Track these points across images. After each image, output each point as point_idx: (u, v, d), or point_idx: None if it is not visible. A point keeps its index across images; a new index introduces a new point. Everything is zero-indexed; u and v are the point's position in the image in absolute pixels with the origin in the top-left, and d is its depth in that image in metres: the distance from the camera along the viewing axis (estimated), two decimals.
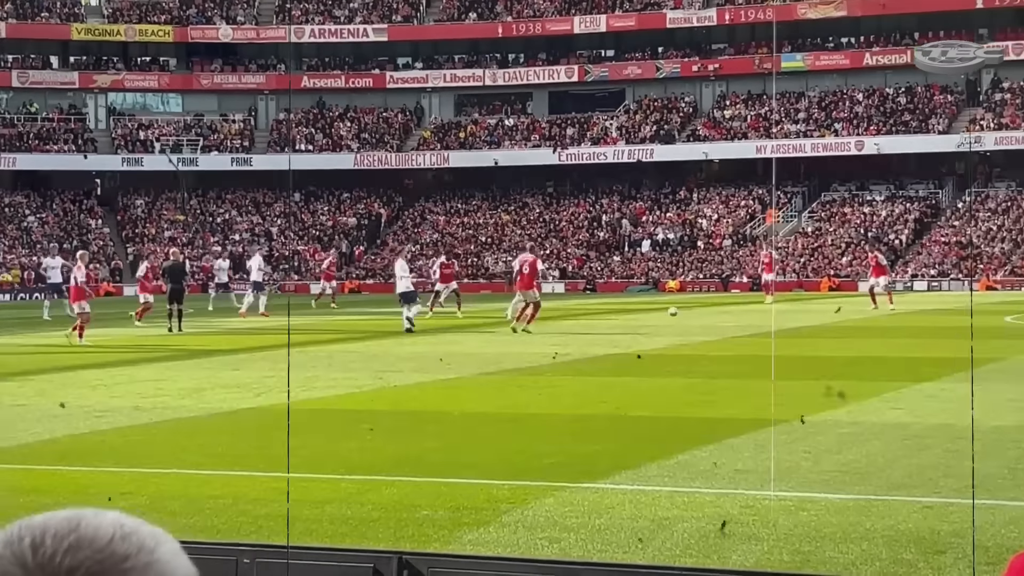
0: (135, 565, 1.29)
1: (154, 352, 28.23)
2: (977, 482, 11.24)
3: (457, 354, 26.15)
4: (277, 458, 13.10)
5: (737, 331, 32.89)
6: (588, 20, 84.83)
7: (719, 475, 11.79)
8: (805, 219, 77.02)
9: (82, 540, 1.29)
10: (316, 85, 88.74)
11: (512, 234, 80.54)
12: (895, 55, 79.92)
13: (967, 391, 18.49)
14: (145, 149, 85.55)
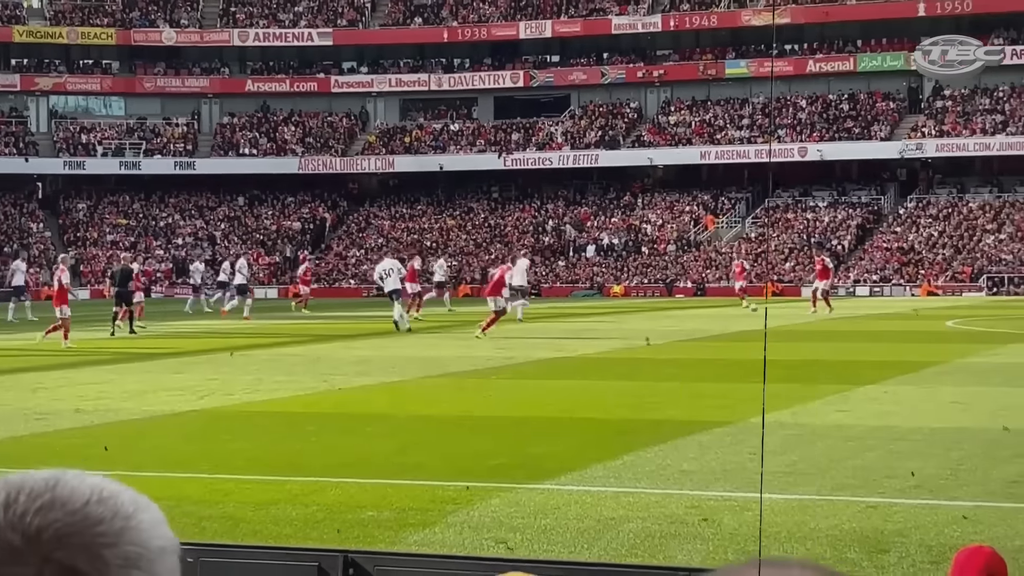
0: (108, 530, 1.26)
1: (96, 355, 28.01)
2: (920, 482, 11.32)
3: (401, 357, 26.10)
4: (220, 460, 13.03)
5: (681, 335, 32.99)
6: (533, 25, 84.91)
7: (664, 475, 11.80)
8: (749, 225, 77.38)
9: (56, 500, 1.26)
10: (260, 89, 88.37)
11: (457, 239, 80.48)
12: (838, 62, 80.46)
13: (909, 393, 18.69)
14: (87, 152, 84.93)
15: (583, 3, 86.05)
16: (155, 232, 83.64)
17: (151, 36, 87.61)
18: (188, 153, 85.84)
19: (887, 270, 69.86)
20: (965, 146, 75.27)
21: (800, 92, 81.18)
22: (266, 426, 15.77)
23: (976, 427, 14.84)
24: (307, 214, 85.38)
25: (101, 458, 13.09)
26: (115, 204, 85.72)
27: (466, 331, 36.25)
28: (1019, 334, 32.36)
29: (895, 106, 79.13)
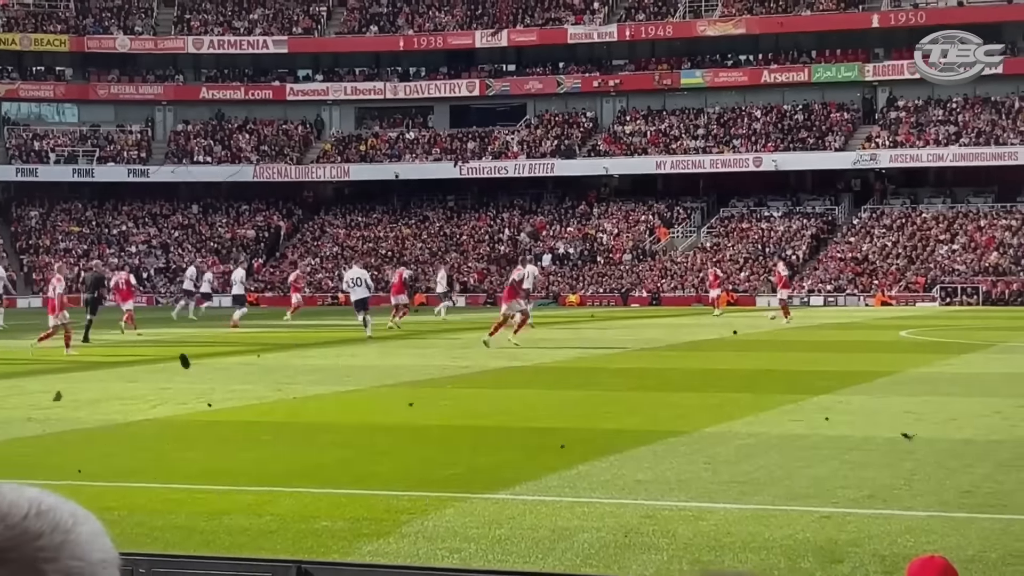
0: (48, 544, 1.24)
1: (49, 364, 27.79)
2: (874, 492, 11.36)
3: (356, 367, 26.02)
4: (173, 469, 12.94)
5: (637, 344, 33.03)
6: (489, 35, 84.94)
7: (619, 485, 11.80)
8: (704, 234, 77.62)
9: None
10: (215, 96, 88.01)
11: (412, 248, 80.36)
12: (792, 73, 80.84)
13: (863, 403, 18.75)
14: (40, 160, 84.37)
15: (539, 12, 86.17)
16: (108, 240, 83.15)
17: (105, 43, 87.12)
18: (142, 160, 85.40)
19: (841, 280, 70.19)
20: (919, 157, 75.79)
21: (755, 102, 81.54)
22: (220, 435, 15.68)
23: (929, 437, 14.91)
24: (262, 222, 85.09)
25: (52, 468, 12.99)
26: (68, 211, 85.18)
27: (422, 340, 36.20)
28: (972, 344, 32.57)
29: (849, 116, 79.59)
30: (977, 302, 65.76)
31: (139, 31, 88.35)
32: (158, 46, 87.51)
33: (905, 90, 78.83)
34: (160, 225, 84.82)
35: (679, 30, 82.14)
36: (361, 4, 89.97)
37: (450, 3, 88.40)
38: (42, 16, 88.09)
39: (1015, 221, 72.88)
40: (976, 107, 77.17)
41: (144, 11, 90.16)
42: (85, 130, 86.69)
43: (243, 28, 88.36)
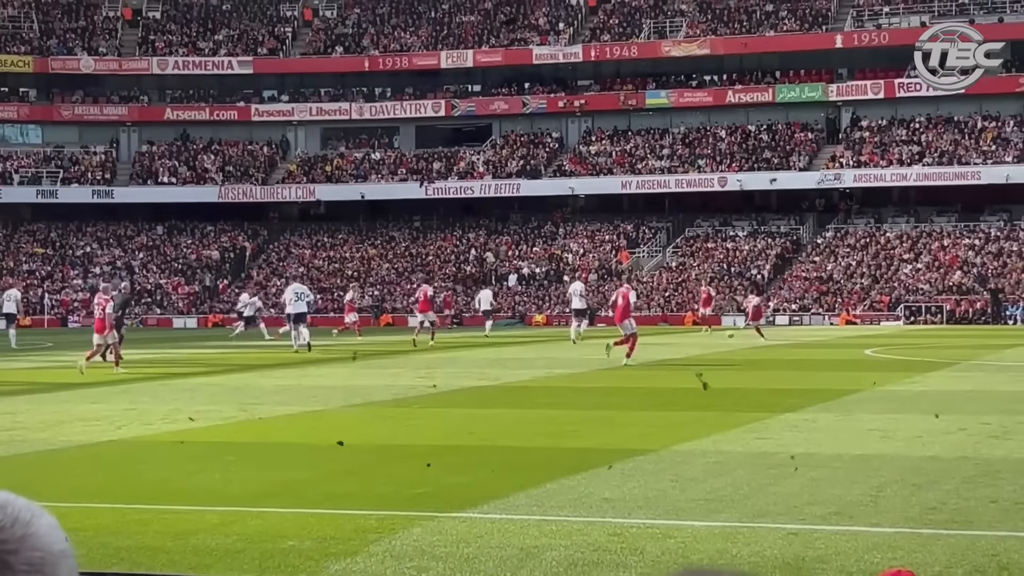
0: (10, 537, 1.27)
1: (10, 385, 27.62)
2: (841, 509, 11.38)
3: (323, 387, 25.95)
4: (138, 490, 12.86)
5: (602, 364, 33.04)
6: (455, 55, 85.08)
7: (586, 503, 11.79)
8: (669, 254, 77.80)
9: None
10: (180, 117, 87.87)
11: (379, 268, 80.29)
12: (757, 93, 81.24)
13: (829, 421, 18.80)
14: (3, 181, 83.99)
15: (504, 33, 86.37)
16: (72, 261, 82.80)
17: (69, 64, 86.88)
18: (106, 182, 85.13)
19: (806, 299, 70.46)
20: (882, 176, 76.23)
21: (719, 123, 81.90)
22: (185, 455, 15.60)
23: (895, 454, 14.96)
24: (227, 243, 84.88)
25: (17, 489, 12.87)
26: (31, 233, 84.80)
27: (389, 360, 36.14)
28: (936, 362, 32.72)
29: (813, 136, 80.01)
30: (941, 321, 66.13)
31: (103, 52, 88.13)
32: (123, 67, 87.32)
33: (869, 110, 79.33)
34: (125, 246, 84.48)
35: (644, 51, 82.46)
36: (326, 25, 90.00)
37: (415, 24, 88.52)
38: (5, 37, 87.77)
39: (978, 240, 73.34)
40: (939, 127, 77.68)
41: (108, 32, 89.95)
42: (49, 151, 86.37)
43: (208, 49, 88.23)
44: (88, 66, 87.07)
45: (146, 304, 78.28)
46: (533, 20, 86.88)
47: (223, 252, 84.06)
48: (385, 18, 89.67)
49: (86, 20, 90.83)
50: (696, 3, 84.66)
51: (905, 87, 77.98)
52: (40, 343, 49.02)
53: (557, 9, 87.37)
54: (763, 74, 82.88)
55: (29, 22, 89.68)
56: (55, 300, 77.65)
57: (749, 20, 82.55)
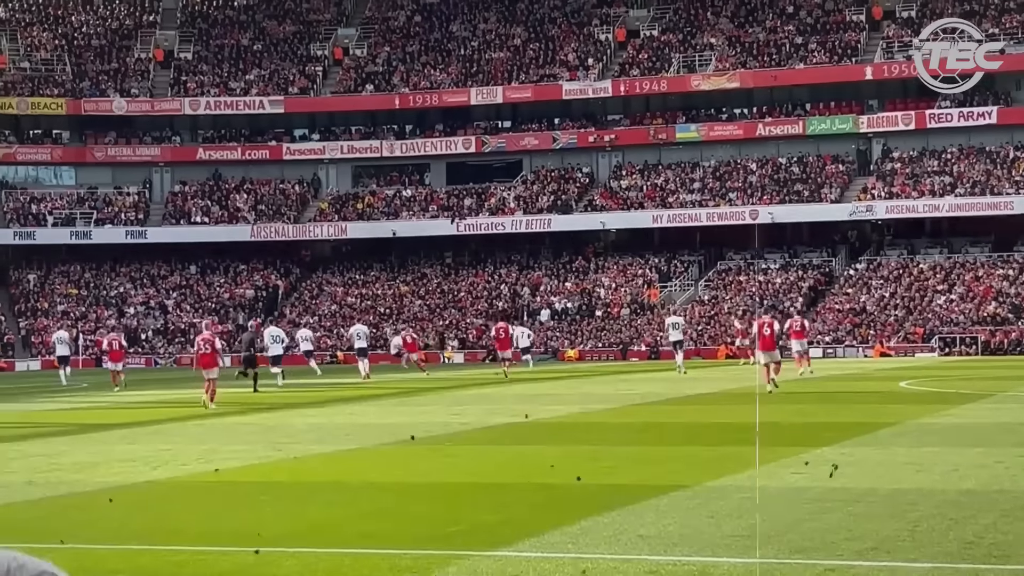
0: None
1: (46, 427, 27.74)
2: (878, 544, 11.32)
3: (356, 425, 25.97)
4: (175, 531, 12.89)
5: (637, 399, 32.99)
6: (485, 91, 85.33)
7: (622, 540, 11.75)
8: (701, 287, 77.69)
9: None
10: (212, 157, 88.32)
11: (411, 305, 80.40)
12: (787, 126, 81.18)
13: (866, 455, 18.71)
14: (38, 223, 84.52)
15: (534, 69, 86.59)
16: (106, 302, 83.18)
17: (101, 105, 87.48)
18: (139, 222, 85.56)
19: (839, 331, 70.18)
20: (915, 207, 76.00)
21: (750, 156, 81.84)
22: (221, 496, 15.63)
23: (931, 488, 14.87)
24: (260, 281, 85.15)
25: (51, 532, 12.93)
26: (66, 274, 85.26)
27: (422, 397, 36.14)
28: (972, 394, 32.53)
29: (844, 168, 79.84)
30: (976, 352, 65.76)
31: (136, 93, 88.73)
32: (155, 108, 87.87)
33: (900, 141, 79.16)
34: (158, 286, 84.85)
35: (674, 85, 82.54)
36: (356, 63, 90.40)
37: (445, 61, 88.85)
38: (39, 80, 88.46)
39: (1012, 270, 72.99)
40: (971, 157, 77.44)
41: (140, 73, 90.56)
42: (82, 192, 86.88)
43: (239, 89, 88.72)
44: (121, 107, 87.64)
45: (179, 344, 78.52)
46: (562, 56, 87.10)
47: (256, 291, 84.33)
48: (415, 56, 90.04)
49: (118, 62, 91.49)
50: (725, 37, 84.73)
51: (936, 118, 77.82)
52: (75, 384, 49.23)
53: (586, 45, 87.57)
54: (793, 107, 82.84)
55: (62, 64, 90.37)
56: (89, 340, 77.94)
57: (779, 53, 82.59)
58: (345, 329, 75.93)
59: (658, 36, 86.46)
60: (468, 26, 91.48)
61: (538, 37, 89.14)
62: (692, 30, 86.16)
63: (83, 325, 79.26)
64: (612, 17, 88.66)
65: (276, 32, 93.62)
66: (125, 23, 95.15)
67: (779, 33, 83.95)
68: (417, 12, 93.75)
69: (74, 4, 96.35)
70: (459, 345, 74.65)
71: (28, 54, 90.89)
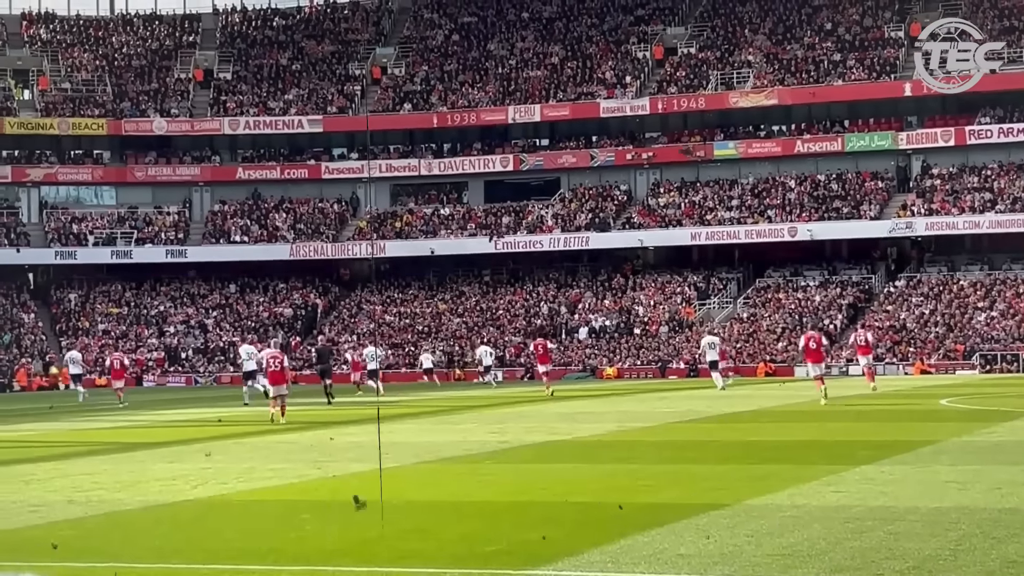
0: None
1: (87, 446, 27.89)
2: (919, 563, 11.26)
3: (395, 443, 26.00)
4: (215, 550, 12.94)
5: (674, 417, 32.91)
6: (522, 110, 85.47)
7: (662, 559, 11.73)
8: (740, 305, 77.49)
9: None
10: (251, 176, 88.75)
11: (449, 323, 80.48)
12: (826, 142, 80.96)
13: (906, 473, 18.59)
14: (79, 242, 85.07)
15: (571, 87, 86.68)
16: (147, 320, 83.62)
17: (142, 126, 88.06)
18: (179, 241, 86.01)
19: (879, 349, 69.83)
20: (955, 224, 75.59)
21: (788, 172, 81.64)
22: (261, 515, 15.68)
23: (974, 506, 14.78)
24: (299, 300, 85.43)
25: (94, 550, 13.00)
26: (106, 293, 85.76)
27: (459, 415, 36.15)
28: (1013, 412, 32.31)
29: (884, 185, 79.53)
30: (1017, 369, 65.32)
31: (176, 113, 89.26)
32: (195, 128, 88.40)
33: (939, 158, 78.83)
34: (198, 305, 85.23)
35: (711, 102, 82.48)
36: (395, 82, 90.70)
37: (483, 80, 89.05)
38: (80, 100, 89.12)
39: None
40: (1011, 173, 77.06)
41: (180, 93, 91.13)
42: (123, 212, 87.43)
43: (278, 108, 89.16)
44: (161, 127, 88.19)
45: (219, 362, 78.86)
46: (600, 74, 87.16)
47: (295, 309, 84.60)
48: (453, 75, 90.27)
49: (158, 82, 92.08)
50: (763, 54, 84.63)
51: (976, 134, 77.49)
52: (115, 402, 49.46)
53: (624, 63, 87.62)
54: (832, 123, 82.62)
55: (103, 85, 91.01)
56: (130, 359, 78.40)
57: (817, 70, 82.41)
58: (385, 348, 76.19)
59: (696, 53, 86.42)
60: (506, 45, 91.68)
61: (576, 55, 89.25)
62: (730, 47, 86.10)
63: (124, 344, 79.68)
64: (649, 35, 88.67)
65: (315, 52, 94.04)
66: (165, 44, 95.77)
67: (817, 50, 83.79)
68: (455, 31, 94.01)
69: (114, 25, 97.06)
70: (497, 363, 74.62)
71: (69, 75, 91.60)
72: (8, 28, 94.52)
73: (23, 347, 75.23)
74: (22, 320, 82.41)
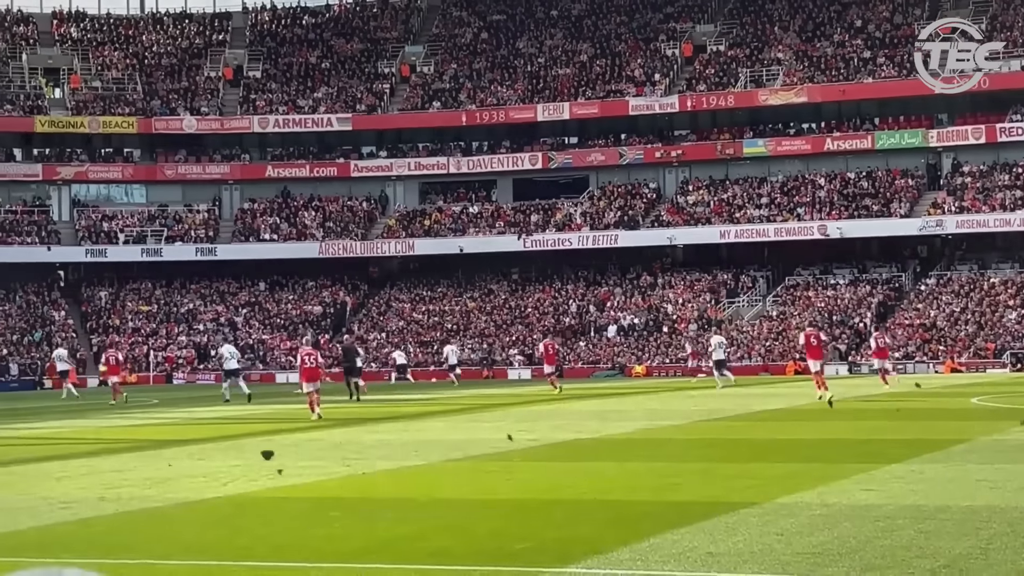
0: None
1: (117, 443, 27.99)
2: (950, 562, 11.22)
3: (424, 441, 26.02)
4: (245, 547, 12.97)
5: (703, 415, 32.86)
6: (551, 108, 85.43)
7: (691, 558, 11.71)
8: (769, 303, 77.32)
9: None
10: (280, 174, 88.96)
11: (478, 321, 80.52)
12: (855, 140, 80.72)
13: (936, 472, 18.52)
14: (109, 240, 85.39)
15: (600, 85, 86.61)
16: (177, 318, 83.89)
17: (172, 124, 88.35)
18: (209, 239, 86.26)
19: (909, 347, 69.59)
20: (985, 222, 75.27)
21: (818, 170, 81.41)
22: (290, 512, 15.71)
23: (1005, 505, 14.71)
24: (328, 298, 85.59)
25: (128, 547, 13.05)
26: (137, 291, 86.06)
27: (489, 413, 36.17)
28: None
29: (914, 183, 79.23)
30: None
31: (205, 112, 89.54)
32: (224, 126, 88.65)
33: (970, 155, 78.50)
34: (228, 303, 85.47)
35: (741, 100, 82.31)
36: (423, 80, 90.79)
37: (511, 78, 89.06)
38: (110, 99, 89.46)
39: None
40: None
41: (210, 92, 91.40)
42: (153, 210, 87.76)
43: (307, 107, 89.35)
44: (191, 126, 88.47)
45: (249, 360, 79.07)
46: (629, 72, 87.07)
47: (324, 307, 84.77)
48: (481, 73, 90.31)
49: (188, 81, 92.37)
50: (793, 51, 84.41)
51: (1007, 132, 77.13)
52: (146, 400, 49.67)
53: (653, 60, 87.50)
54: (862, 121, 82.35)
55: (133, 84, 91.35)
56: (160, 357, 78.69)
57: (847, 67, 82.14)
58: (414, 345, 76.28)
59: (725, 51, 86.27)
60: (535, 43, 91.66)
61: (604, 53, 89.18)
62: (759, 45, 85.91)
63: (154, 342, 79.98)
64: (679, 32, 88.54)
65: (344, 50, 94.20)
66: (195, 42, 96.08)
67: (847, 47, 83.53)
68: (484, 29, 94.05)
69: (145, 24, 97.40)
70: (526, 361, 74.62)
71: (100, 73, 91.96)
72: (39, 27, 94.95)
73: (54, 344, 75.49)
74: (53, 318, 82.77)
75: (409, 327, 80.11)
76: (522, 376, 72.06)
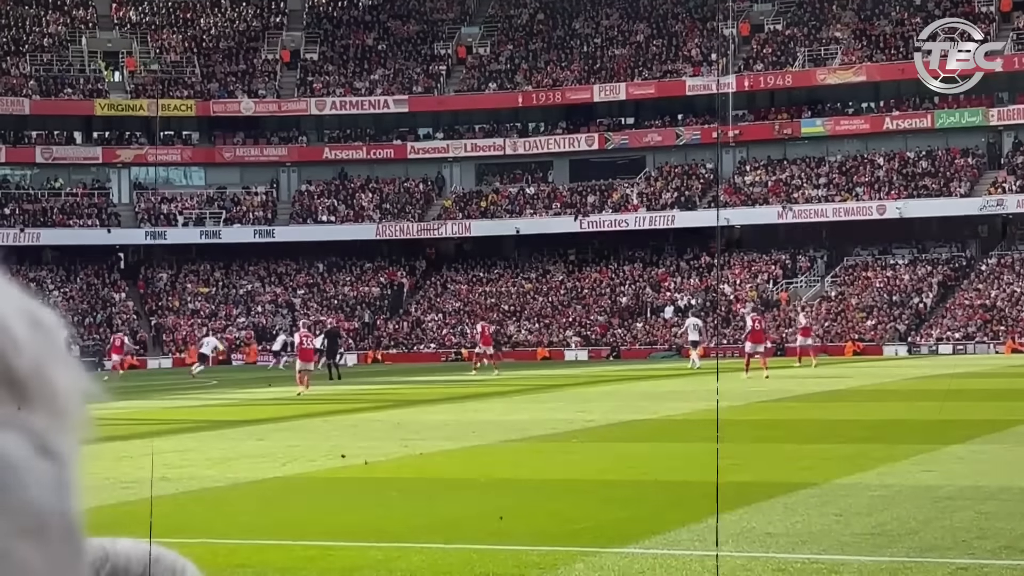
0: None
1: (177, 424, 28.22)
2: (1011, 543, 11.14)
3: (481, 422, 26.08)
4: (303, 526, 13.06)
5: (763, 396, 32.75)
6: (608, 88, 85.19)
7: (749, 538, 11.69)
8: (828, 283, 76.87)
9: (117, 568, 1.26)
10: (338, 156, 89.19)
11: (534, 302, 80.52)
12: (915, 119, 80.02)
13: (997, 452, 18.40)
14: (168, 223, 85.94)
15: (657, 65, 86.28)
16: (235, 300, 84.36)
17: (230, 107, 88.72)
18: (267, 221, 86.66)
19: (970, 327, 69.06)
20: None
21: (877, 150, 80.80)
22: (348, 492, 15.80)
23: None
24: (385, 279, 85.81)
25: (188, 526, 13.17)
26: (196, 273, 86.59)
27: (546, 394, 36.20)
28: None
29: (974, 162, 78.52)
30: None
31: (263, 94, 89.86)
32: (282, 109, 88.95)
33: None
34: (286, 284, 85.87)
35: (799, 79, 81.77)
36: (479, 62, 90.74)
37: (568, 59, 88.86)
38: (169, 82, 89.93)
39: None
40: None
41: (267, 75, 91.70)
42: (212, 192, 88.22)
43: (364, 89, 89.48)
44: (248, 108, 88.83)
45: None
46: (686, 52, 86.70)
47: (381, 288, 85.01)
48: (538, 54, 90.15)
49: (246, 63, 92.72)
50: (851, 30, 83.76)
51: None
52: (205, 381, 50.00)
53: (710, 40, 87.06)
54: (921, 100, 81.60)
55: (191, 67, 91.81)
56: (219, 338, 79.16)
57: (906, 46, 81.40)
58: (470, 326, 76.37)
59: (782, 30, 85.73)
60: (591, 23, 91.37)
61: (661, 33, 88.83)
62: (817, 24, 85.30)
63: (213, 323, 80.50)
64: (736, 12, 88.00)
65: (400, 32, 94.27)
66: (252, 25, 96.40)
67: (906, 25, 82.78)
68: (540, 10, 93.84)
69: (202, 7, 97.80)
70: (583, 342, 74.57)
71: (158, 57, 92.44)
72: (99, 10, 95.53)
73: (114, 327, 76.16)
74: (112, 299, 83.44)
75: (466, 308, 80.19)
76: (578, 357, 72.03)
